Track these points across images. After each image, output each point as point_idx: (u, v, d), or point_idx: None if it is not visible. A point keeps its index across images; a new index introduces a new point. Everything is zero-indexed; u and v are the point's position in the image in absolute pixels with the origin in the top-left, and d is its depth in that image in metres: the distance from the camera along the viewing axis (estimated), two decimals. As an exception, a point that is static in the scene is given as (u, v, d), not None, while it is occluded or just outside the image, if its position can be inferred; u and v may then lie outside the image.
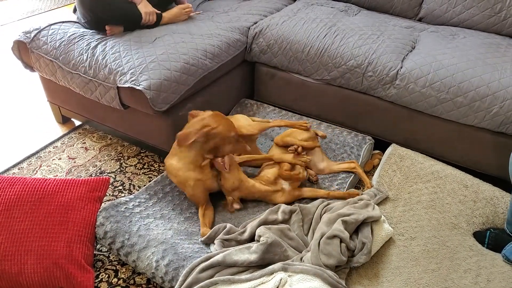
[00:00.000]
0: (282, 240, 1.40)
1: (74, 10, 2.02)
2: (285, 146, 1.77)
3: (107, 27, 1.90)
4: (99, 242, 1.49)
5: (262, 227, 1.43)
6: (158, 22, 2.02)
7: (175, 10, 2.09)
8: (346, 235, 1.35)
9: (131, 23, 1.95)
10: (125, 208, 1.53)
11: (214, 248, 1.42)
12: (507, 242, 1.45)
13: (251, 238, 1.44)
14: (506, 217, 1.52)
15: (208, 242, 1.45)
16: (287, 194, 1.63)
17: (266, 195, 1.62)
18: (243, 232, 1.45)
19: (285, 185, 1.63)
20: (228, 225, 1.48)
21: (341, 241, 1.35)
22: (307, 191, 1.67)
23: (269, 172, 1.65)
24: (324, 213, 1.51)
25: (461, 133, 1.79)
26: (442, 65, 1.76)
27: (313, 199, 1.65)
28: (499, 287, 1.32)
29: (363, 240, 1.38)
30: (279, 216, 1.51)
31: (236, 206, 1.60)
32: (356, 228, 1.43)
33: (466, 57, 1.80)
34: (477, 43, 1.94)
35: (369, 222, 1.44)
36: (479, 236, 1.52)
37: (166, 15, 2.06)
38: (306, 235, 1.50)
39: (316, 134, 1.88)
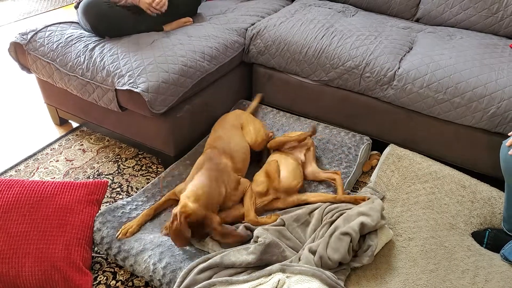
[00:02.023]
0: (280, 241, 1.40)
1: (76, 6, 2.01)
2: (280, 148, 1.79)
3: None
4: (96, 246, 1.48)
5: (259, 228, 1.43)
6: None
7: (175, 24, 2.10)
8: (357, 236, 1.35)
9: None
10: (122, 213, 1.53)
11: (208, 248, 1.42)
12: (506, 241, 1.45)
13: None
14: (502, 215, 1.52)
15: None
16: (284, 201, 1.60)
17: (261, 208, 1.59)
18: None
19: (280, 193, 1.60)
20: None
21: (350, 241, 1.34)
22: (311, 197, 1.61)
23: (259, 186, 1.60)
24: (327, 213, 1.51)
25: (458, 133, 1.80)
26: (440, 66, 1.77)
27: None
28: (497, 287, 1.32)
29: (369, 243, 1.38)
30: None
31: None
32: None
33: (463, 58, 1.80)
34: (474, 43, 1.95)
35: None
36: (477, 236, 1.53)
37: (166, 28, 2.07)
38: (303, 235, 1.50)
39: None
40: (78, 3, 1.97)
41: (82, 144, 2.16)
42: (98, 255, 1.57)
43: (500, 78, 1.69)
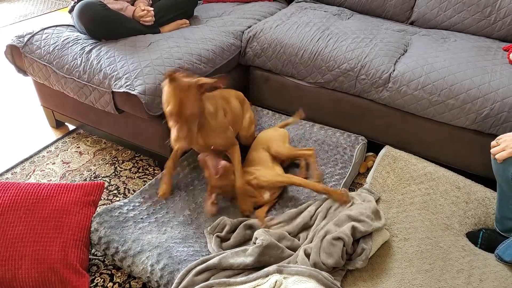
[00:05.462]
0: (279, 242, 1.40)
1: (70, 11, 2.01)
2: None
3: None
4: (94, 247, 1.48)
5: (260, 229, 1.44)
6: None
7: (172, 26, 2.12)
8: (350, 240, 1.35)
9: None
10: (119, 213, 1.53)
11: (211, 246, 1.43)
12: (499, 242, 1.46)
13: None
14: (495, 216, 1.54)
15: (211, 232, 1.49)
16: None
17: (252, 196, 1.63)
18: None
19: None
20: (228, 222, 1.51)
21: (343, 245, 1.35)
22: (296, 180, 1.61)
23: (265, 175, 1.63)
24: (324, 217, 1.52)
25: (453, 135, 1.82)
26: (434, 68, 1.79)
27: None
28: (492, 286, 1.34)
29: (363, 246, 1.38)
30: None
31: (213, 209, 1.58)
32: None
33: (457, 60, 1.82)
34: (468, 46, 1.97)
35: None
36: (472, 236, 1.54)
37: (163, 30, 2.09)
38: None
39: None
40: (73, 7, 1.98)
41: (79, 147, 2.16)
42: (95, 257, 1.57)
43: (493, 80, 1.71)
